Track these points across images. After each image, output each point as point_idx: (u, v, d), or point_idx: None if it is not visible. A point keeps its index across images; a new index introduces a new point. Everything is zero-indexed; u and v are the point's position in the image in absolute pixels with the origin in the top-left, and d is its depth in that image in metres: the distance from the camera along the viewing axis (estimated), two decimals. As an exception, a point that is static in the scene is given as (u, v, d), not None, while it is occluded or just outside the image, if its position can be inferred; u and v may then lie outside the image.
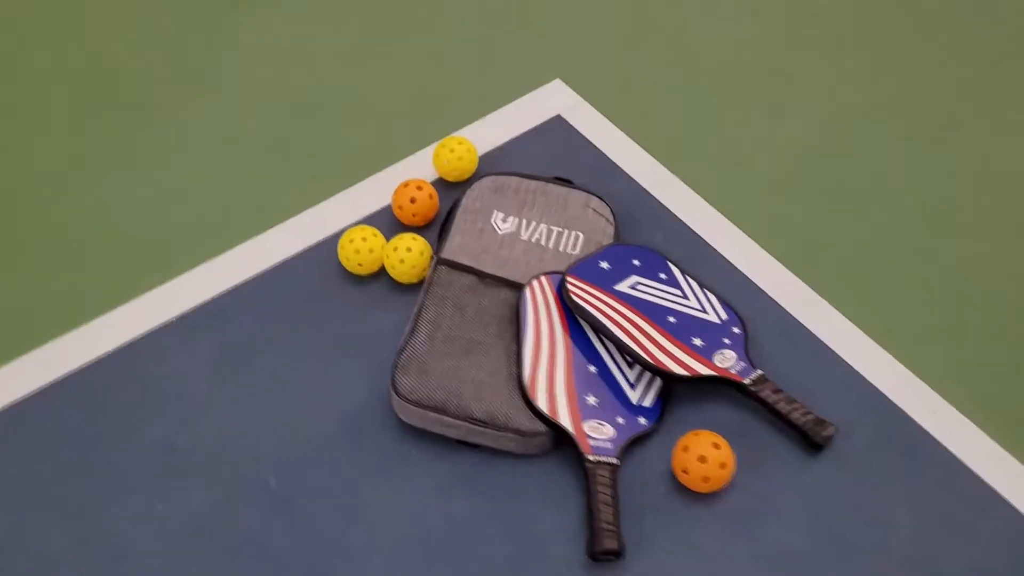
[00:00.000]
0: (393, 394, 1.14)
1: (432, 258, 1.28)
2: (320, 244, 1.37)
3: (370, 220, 1.39)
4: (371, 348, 1.25)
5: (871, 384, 1.21)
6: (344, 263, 1.31)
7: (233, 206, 1.40)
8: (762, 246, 1.34)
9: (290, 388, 1.22)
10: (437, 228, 1.35)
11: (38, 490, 1.14)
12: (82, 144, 1.48)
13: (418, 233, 1.35)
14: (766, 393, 1.16)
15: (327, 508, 1.12)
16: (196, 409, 1.20)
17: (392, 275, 1.30)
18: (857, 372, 1.22)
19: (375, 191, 1.43)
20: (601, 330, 1.18)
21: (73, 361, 1.25)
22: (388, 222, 1.39)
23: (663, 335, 1.19)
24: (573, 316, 1.22)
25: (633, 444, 1.16)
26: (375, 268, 1.31)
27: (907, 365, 1.22)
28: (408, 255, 1.28)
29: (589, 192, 1.35)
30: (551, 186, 1.35)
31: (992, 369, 1.23)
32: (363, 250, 1.29)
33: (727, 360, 1.19)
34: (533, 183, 1.35)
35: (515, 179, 1.36)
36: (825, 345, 1.24)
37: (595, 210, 1.33)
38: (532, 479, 1.15)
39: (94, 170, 1.45)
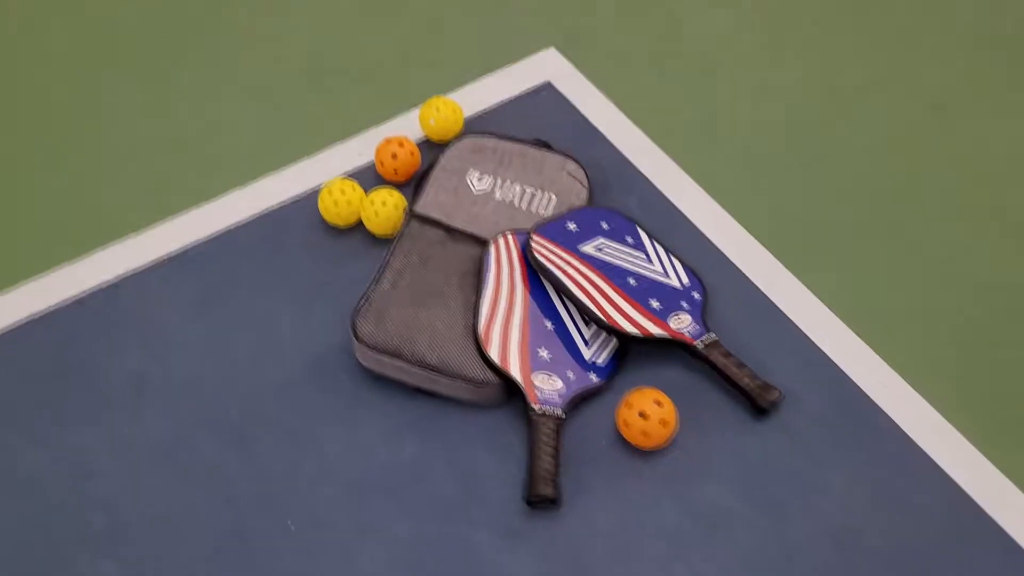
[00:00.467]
0: (352, 338, 1.19)
1: (405, 212, 1.32)
2: (304, 196, 1.41)
3: (355, 175, 1.43)
4: (343, 296, 1.29)
5: (826, 355, 1.23)
6: (323, 214, 1.35)
7: (222, 156, 1.46)
8: (734, 217, 1.36)
9: (261, 329, 1.27)
10: (418, 185, 1.39)
11: (15, 412, 1.21)
12: (84, 89, 1.55)
13: (399, 189, 1.39)
14: (716, 356, 1.18)
15: (283, 442, 1.17)
16: (170, 344, 1.26)
17: (368, 227, 1.34)
18: (813, 343, 1.24)
19: (362, 147, 1.47)
20: (560, 288, 1.21)
21: (58, 296, 1.31)
22: (373, 178, 1.43)
23: (621, 296, 1.22)
24: (535, 274, 1.25)
25: (583, 399, 1.19)
26: (353, 220, 1.35)
27: (865, 339, 1.24)
28: (383, 208, 1.32)
29: (567, 155, 1.38)
30: (529, 148, 1.38)
31: (949, 349, 1.24)
32: (341, 202, 1.33)
33: (682, 323, 1.21)
34: (512, 144, 1.38)
35: (494, 140, 1.39)
36: (784, 315, 1.26)
37: (570, 173, 1.35)
38: (482, 427, 1.19)
39: (93, 116, 1.52)
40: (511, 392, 1.19)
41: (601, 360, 1.20)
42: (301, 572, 1.09)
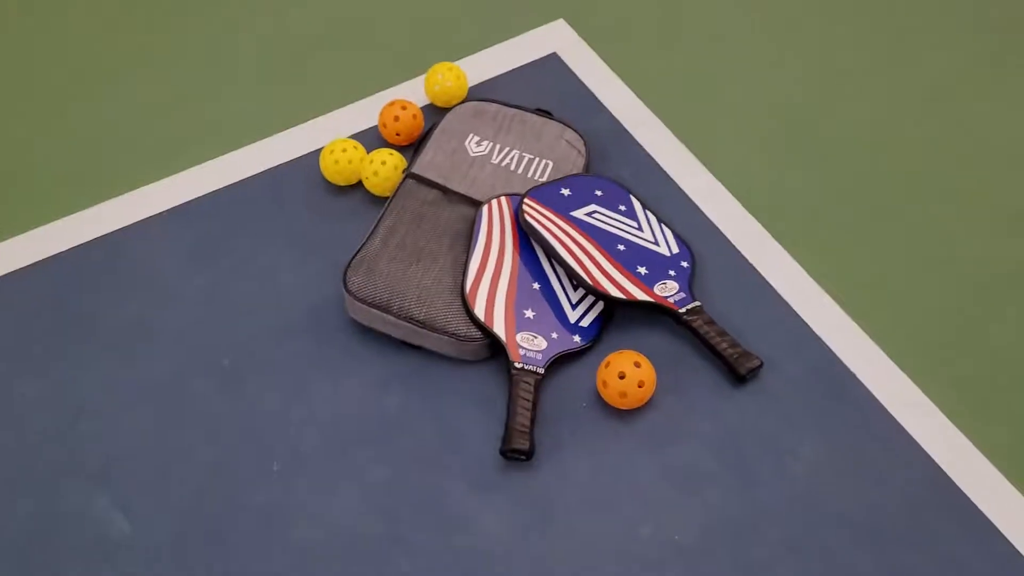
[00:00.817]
0: (344, 291, 1.22)
1: (403, 172, 1.35)
2: (309, 155, 1.45)
3: (359, 137, 1.46)
4: (339, 252, 1.33)
5: (809, 328, 1.24)
6: (324, 172, 1.38)
7: (234, 116, 1.49)
8: (728, 189, 1.37)
9: (258, 281, 1.30)
10: (420, 148, 1.42)
11: (17, 348, 1.25)
12: (98, 51, 1.59)
13: (401, 152, 1.42)
14: (698, 323, 1.20)
15: (273, 388, 1.21)
16: (170, 291, 1.30)
17: (367, 187, 1.37)
18: (798, 315, 1.25)
19: (368, 111, 1.50)
20: (548, 251, 1.23)
21: (65, 242, 1.36)
22: (377, 141, 1.46)
23: (609, 261, 1.24)
24: (526, 237, 1.27)
25: (565, 359, 1.21)
26: (353, 179, 1.38)
27: (849, 314, 1.25)
28: (382, 168, 1.35)
29: (566, 124, 1.40)
30: (529, 115, 1.40)
31: (933, 327, 1.25)
32: (342, 160, 1.36)
33: (668, 290, 1.23)
34: (512, 111, 1.41)
35: (495, 106, 1.41)
36: (771, 286, 1.28)
37: (568, 141, 1.37)
38: (465, 383, 1.21)
39: (108, 74, 1.56)
40: (495, 349, 1.21)
41: (585, 323, 1.22)
42: (280, 509, 1.12)
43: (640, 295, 1.21)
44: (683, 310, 1.20)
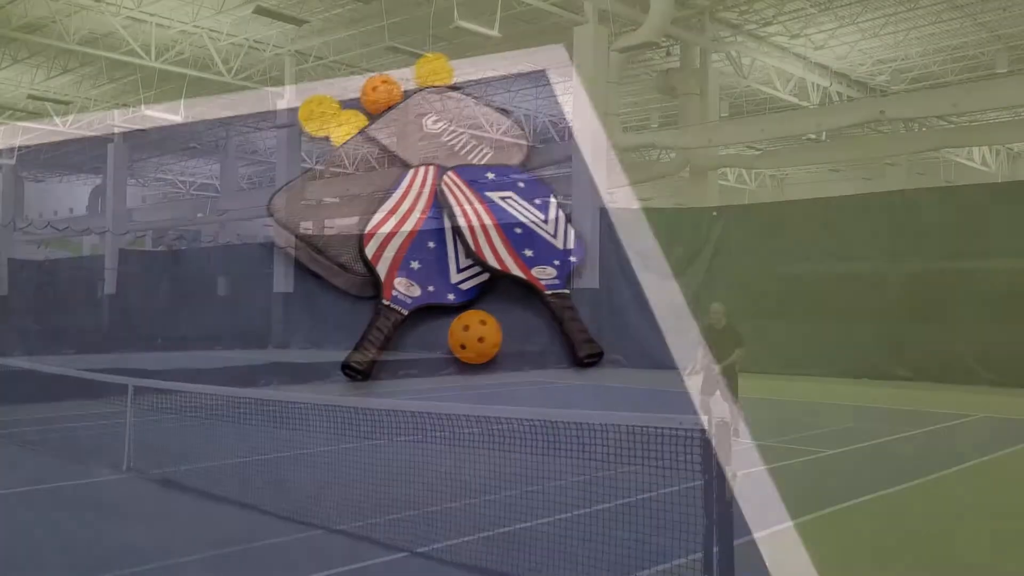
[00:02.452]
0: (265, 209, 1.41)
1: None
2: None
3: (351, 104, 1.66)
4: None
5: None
6: (300, 119, 1.59)
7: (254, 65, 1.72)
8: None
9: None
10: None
11: None
12: None
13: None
14: (557, 305, 1.33)
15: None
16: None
17: (331, 138, 1.56)
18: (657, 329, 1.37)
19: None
20: (450, 216, 1.39)
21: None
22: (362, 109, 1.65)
23: (500, 236, 1.39)
24: (439, 205, 1.44)
25: (439, 311, 1.36)
26: (320, 128, 1.58)
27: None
28: (345, 124, 1.54)
29: (516, 123, 1.56)
30: (487, 108, 1.57)
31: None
32: (316, 111, 1.56)
33: (543, 273, 1.37)
34: (474, 102, 1.58)
35: (462, 95, 1.59)
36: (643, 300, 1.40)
37: (513, 137, 1.53)
38: (354, 315, 1.38)
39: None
40: (377, 289, 1.37)
41: (465, 286, 1.37)
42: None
43: (514, 270, 1.35)
44: (549, 292, 1.33)
